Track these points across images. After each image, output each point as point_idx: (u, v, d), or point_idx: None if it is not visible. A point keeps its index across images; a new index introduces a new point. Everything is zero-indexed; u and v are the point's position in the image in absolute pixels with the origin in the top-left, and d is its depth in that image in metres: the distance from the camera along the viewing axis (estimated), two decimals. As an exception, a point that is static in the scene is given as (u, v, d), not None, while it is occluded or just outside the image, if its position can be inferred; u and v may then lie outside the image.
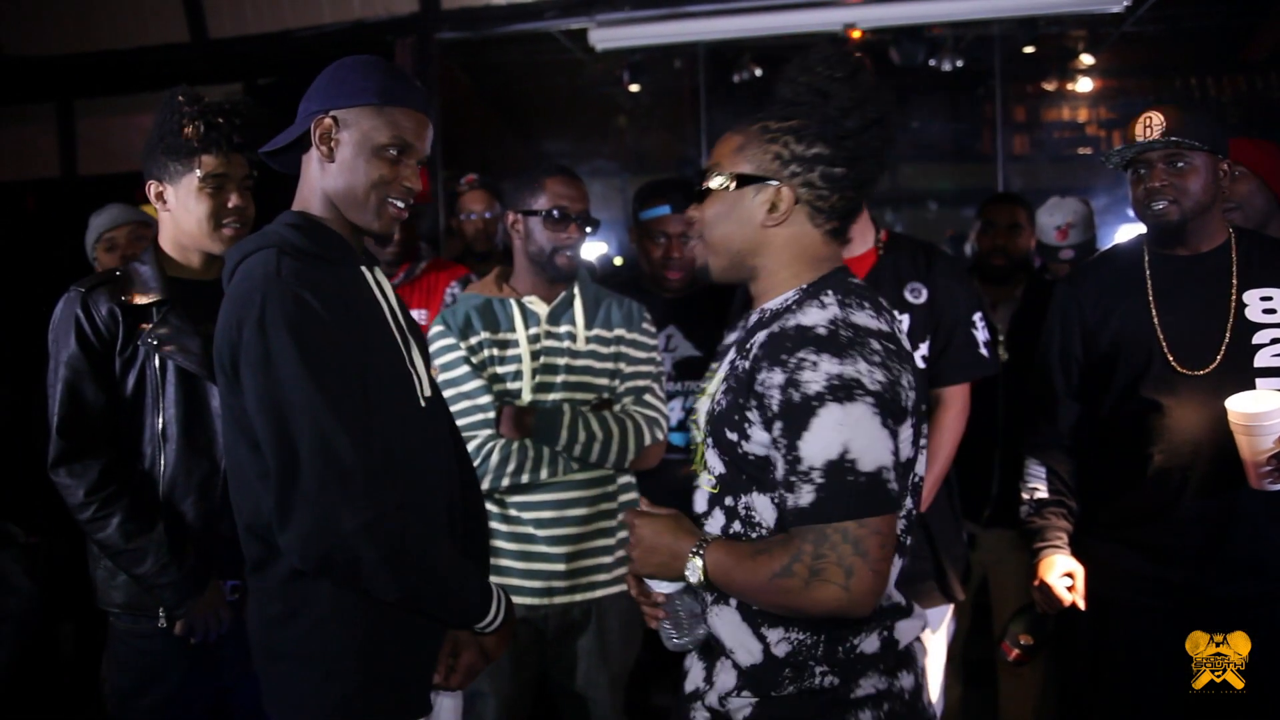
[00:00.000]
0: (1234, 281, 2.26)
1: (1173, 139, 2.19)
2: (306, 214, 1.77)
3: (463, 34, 5.22)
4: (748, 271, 1.69)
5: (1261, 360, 2.20)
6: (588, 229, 2.52)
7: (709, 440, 1.64)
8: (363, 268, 1.81)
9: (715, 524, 1.64)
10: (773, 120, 1.64)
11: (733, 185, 1.64)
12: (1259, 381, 2.17)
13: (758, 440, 1.56)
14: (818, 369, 1.48)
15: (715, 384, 1.68)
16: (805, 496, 1.46)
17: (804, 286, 1.65)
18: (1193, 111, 2.27)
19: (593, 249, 5.88)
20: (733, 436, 1.58)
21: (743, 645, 1.59)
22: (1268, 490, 2.11)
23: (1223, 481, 2.18)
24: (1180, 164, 2.21)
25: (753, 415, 1.55)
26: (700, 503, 1.69)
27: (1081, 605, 2.33)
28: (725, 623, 1.61)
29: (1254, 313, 2.23)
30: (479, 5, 5.03)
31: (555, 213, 2.47)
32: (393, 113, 1.74)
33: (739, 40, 6.11)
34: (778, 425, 1.50)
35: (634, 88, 6.65)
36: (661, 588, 1.65)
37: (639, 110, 7.78)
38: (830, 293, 1.61)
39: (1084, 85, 6.96)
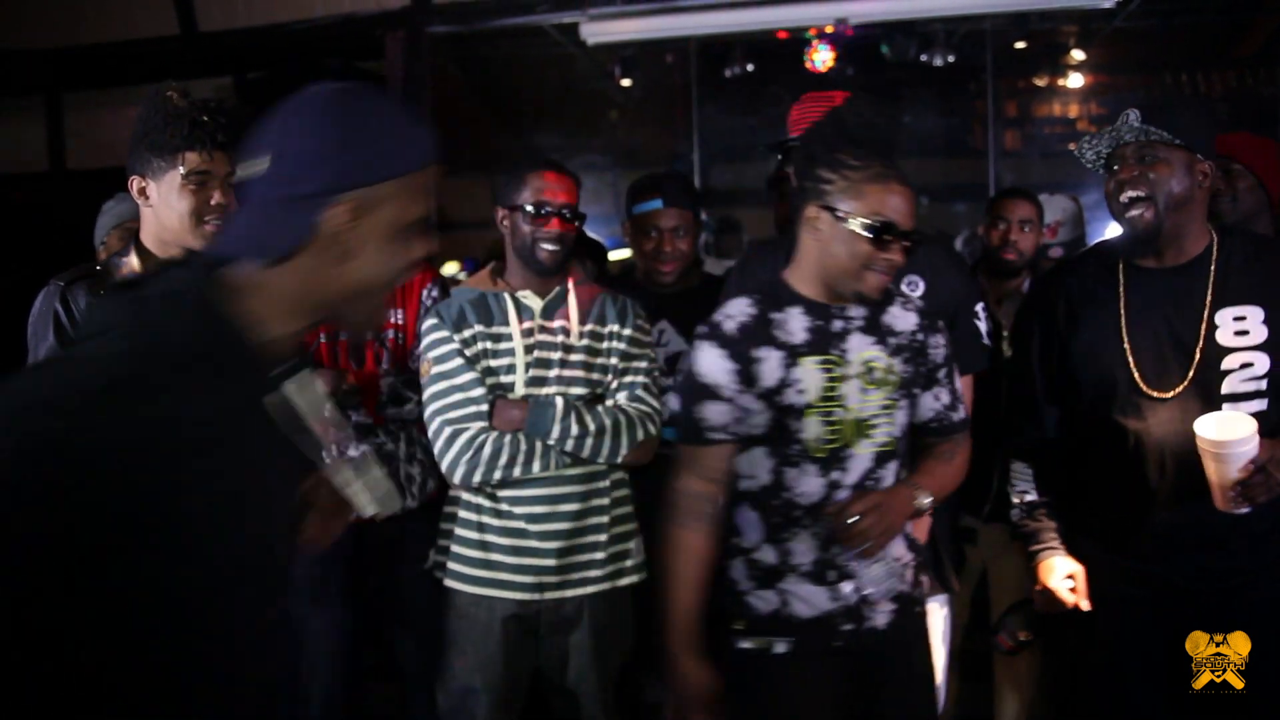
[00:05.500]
0: (1208, 299, 2.19)
1: (1147, 126, 2.14)
2: None
3: (454, 28, 5.20)
4: None
5: (1229, 386, 2.15)
6: (575, 223, 2.52)
7: (905, 402, 2.13)
8: None
9: (890, 474, 2.12)
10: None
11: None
12: (1225, 406, 2.13)
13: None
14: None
15: (856, 366, 2.07)
16: (962, 413, 2.23)
17: None
18: (1175, 107, 2.23)
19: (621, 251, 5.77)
20: (916, 391, 2.16)
21: (899, 546, 2.18)
22: (1235, 513, 2.09)
23: (1189, 497, 2.15)
24: (1152, 156, 2.16)
25: (922, 371, 2.16)
26: (862, 465, 2.08)
27: (1086, 606, 2.31)
28: (896, 543, 2.16)
29: (1225, 335, 2.17)
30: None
31: (537, 208, 2.46)
32: None
33: (730, 35, 6.10)
34: (943, 371, 2.18)
35: (625, 82, 6.63)
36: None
37: (630, 105, 7.77)
38: None
39: (1075, 81, 6.95)
